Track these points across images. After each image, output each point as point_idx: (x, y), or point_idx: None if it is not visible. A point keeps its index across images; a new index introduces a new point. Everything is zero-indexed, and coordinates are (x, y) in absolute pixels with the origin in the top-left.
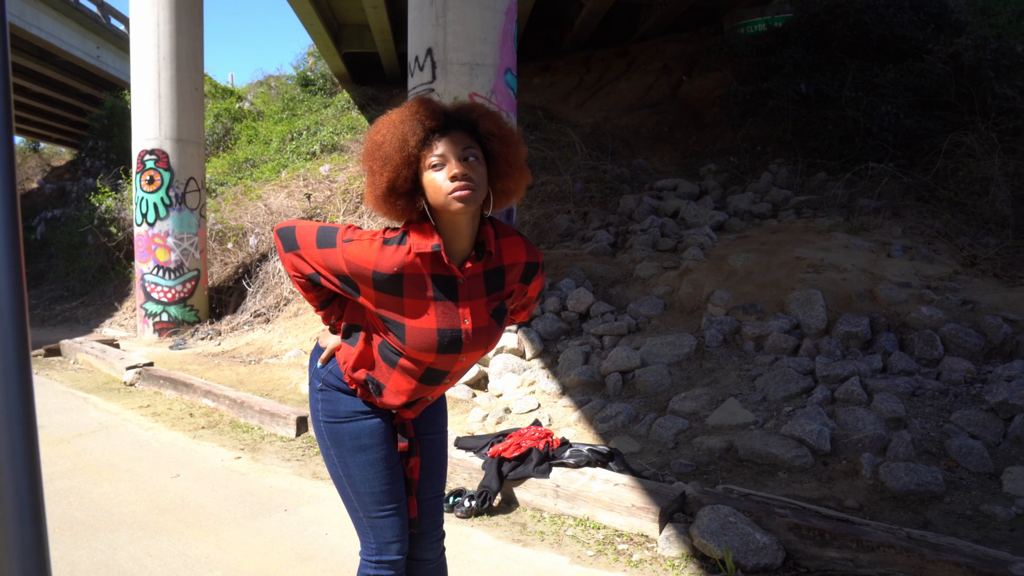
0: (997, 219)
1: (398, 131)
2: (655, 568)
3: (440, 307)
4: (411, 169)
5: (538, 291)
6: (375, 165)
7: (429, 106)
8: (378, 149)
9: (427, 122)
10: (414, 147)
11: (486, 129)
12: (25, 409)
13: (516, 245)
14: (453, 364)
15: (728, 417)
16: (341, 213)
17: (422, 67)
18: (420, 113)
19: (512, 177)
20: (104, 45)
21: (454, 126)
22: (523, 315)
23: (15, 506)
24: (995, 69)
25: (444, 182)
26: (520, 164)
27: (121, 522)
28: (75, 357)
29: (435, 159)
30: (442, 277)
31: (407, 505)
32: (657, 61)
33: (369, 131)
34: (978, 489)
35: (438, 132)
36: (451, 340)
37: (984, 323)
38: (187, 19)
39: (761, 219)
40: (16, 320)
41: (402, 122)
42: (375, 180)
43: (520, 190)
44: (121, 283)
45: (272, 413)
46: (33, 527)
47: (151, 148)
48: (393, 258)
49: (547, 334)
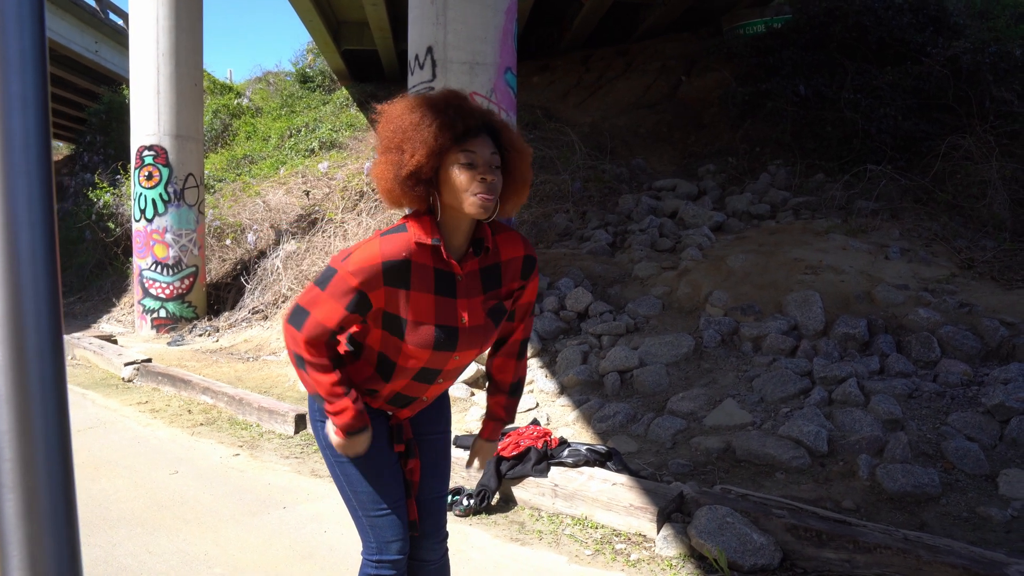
0: (994, 222)
1: (438, 119)
2: (652, 568)
3: (440, 302)
4: (439, 159)
5: (535, 293)
6: (406, 145)
7: (468, 103)
8: (413, 130)
9: (468, 119)
10: (451, 140)
11: (508, 140)
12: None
13: (513, 240)
14: (447, 362)
15: (726, 417)
16: (340, 210)
17: (422, 65)
18: (462, 108)
19: (520, 192)
20: (103, 40)
21: (484, 129)
22: (523, 328)
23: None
24: (993, 72)
25: (470, 183)
26: (529, 180)
27: (120, 519)
28: (72, 353)
29: (465, 158)
30: (443, 272)
31: (407, 505)
32: (656, 61)
33: (396, 107)
34: (974, 491)
35: (472, 132)
36: (447, 337)
37: (981, 326)
38: (186, 14)
39: (759, 220)
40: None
41: (443, 111)
42: (401, 160)
43: (520, 204)
44: (119, 279)
45: (270, 410)
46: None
47: (150, 144)
48: (397, 243)
49: (545, 333)
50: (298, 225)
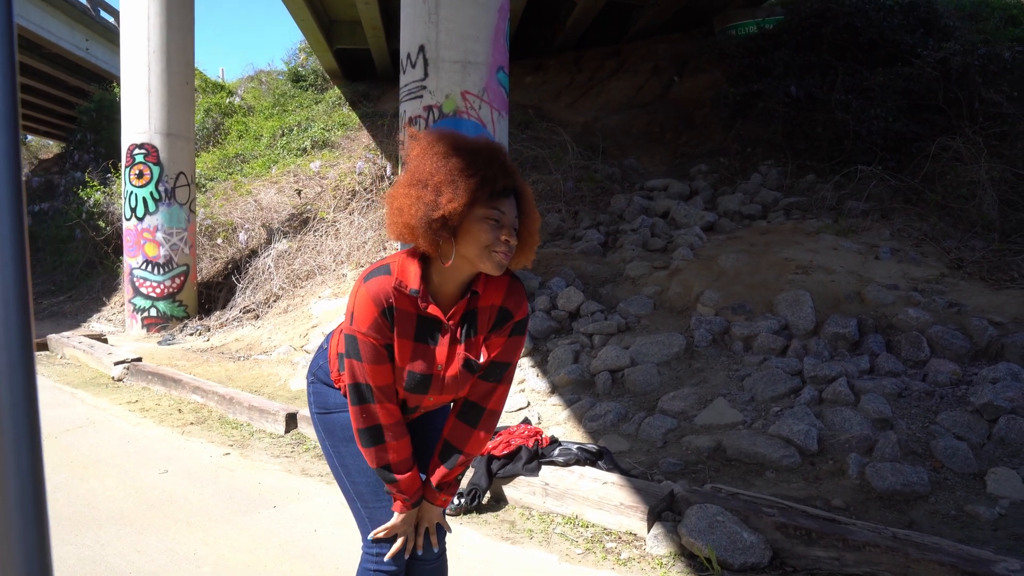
0: (983, 223)
1: (482, 171)
2: (643, 566)
3: (418, 349)
4: (469, 210)
5: (512, 355)
6: (445, 188)
7: (508, 160)
8: (458, 174)
9: (506, 179)
10: (488, 195)
11: (526, 208)
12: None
13: (497, 288)
14: (421, 400)
15: (716, 417)
16: (332, 209)
17: (414, 64)
18: (504, 165)
19: (527, 256)
20: (93, 38)
21: (513, 192)
22: (487, 394)
23: (18, 504)
24: (982, 74)
25: (494, 241)
26: (536, 244)
27: (108, 518)
28: (62, 352)
29: (495, 214)
30: (426, 318)
31: None
32: (648, 61)
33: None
34: (963, 489)
35: (505, 192)
36: (419, 383)
37: (970, 325)
38: (178, 12)
39: (751, 220)
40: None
41: (488, 163)
42: (436, 201)
43: (523, 265)
44: (109, 278)
45: (261, 409)
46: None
47: (140, 142)
48: (381, 289)
49: (537, 332)
50: (290, 224)
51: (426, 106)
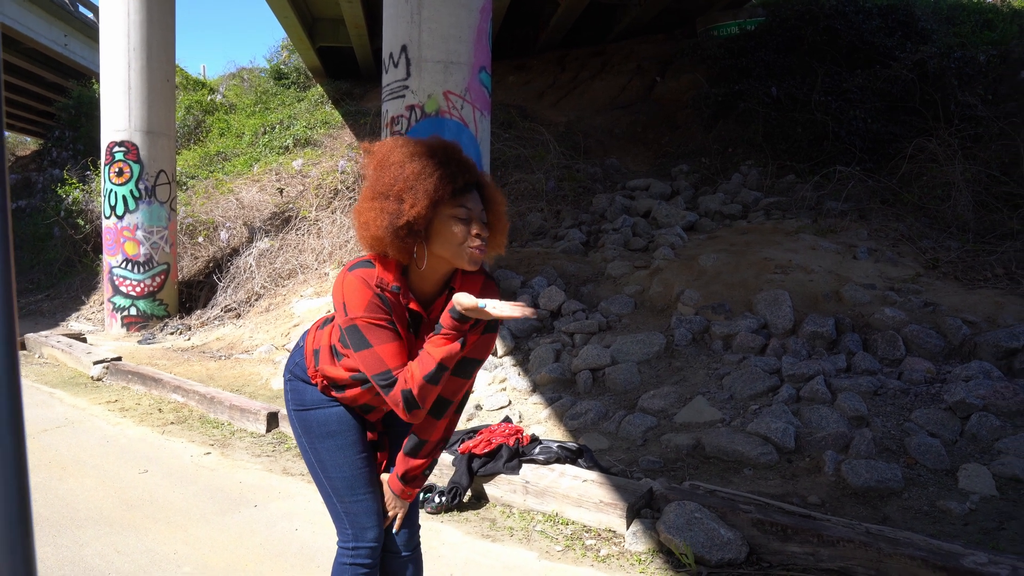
0: (958, 223)
1: (439, 171)
2: (622, 563)
3: (410, 339)
4: (434, 212)
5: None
6: (406, 195)
7: (464, 156)
8: (415, 179)
9: (466, 175)
10: (450, 194)
11: (490, 196)
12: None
13: (473, 285)
14: None
15: (696, 415)
16: (314, 208)
17: (396, 64)
18: (462, 162)
19: (499, 243)
20: (72, 33)
21: (475, 185)
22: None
23: (2, 504)
24: (958, 77)
25: (465, 237)
26: (506, 229)
27: (87, 518)
28: (40, 351)
29: (462, 212)
30: (411, 312)
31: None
32: (631, 62)
33: (394, 153)
34: (935, 485)
35: (468, 187)
36: None
37: (944, 325)
38: (158, 8)
39: (731, 220)
40: (4, 319)
41: (445, 163)
42: (400, 209)
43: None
44: (88, 276)
45: (242, 409)
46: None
47: (120, 140)
48: (369, 273)
49: (518, 331)
50: (272, 223)
51: (408, 106)
